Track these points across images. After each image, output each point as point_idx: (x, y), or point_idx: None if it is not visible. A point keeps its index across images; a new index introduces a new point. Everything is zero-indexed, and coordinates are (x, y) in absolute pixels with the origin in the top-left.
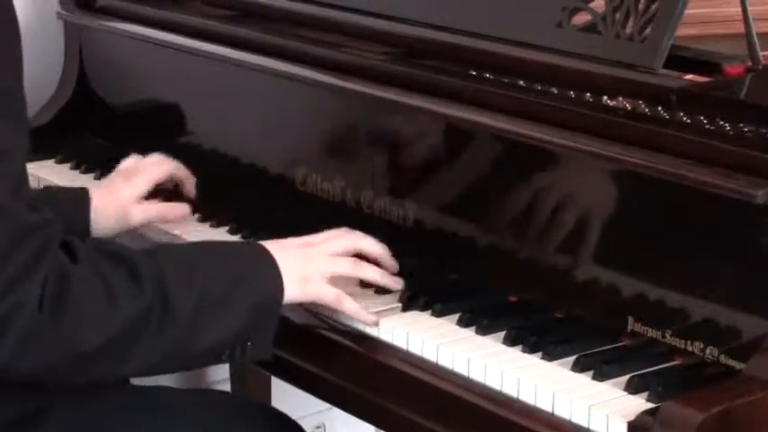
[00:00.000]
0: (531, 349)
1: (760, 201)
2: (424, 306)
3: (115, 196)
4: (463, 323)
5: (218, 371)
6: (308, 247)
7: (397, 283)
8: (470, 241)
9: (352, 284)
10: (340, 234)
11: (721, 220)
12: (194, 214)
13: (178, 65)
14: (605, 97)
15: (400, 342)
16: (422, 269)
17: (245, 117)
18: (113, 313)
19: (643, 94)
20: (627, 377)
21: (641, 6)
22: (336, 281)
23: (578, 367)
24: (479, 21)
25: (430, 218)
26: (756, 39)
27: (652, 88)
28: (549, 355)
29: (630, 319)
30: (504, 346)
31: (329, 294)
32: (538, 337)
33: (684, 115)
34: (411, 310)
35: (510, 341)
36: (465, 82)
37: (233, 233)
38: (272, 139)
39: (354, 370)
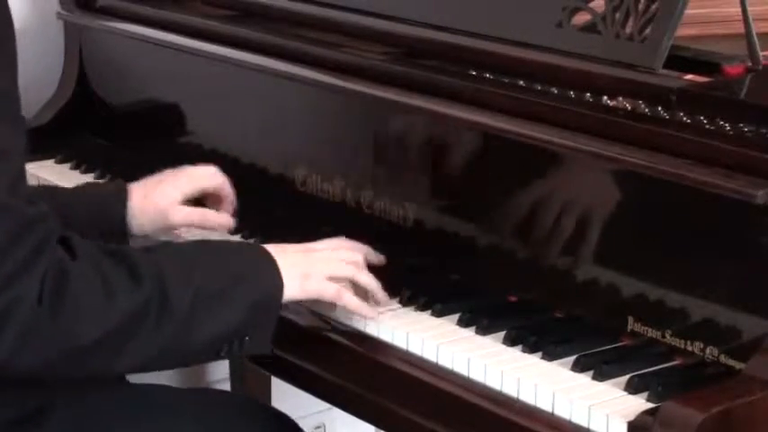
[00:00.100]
0: (531, 349)
1: (760, 201)
2: (424, 306)
3: (155, 194)
4: (463, 323)
5: (218, 370)
6: (308, 251)
7: (387, 299)
8: (470, 241)
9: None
10: (341, 244)
11: (721, 220)
12: None
13: (178, 65)
14: (605, 97)
15: (400, 342)
16: (422, 269)
17: (245, 117)
18: (111, 307)
19: (643, 94)
20: (627, 377)
21: (641, 6)
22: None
23: (578, 367)
24: (479, 21)
25: (430, 218)
26: (756, 39)
27: (652, 88)
28: (549, 355)
29: (630, 319)
30: (504, 346)
31: (330, 290)
32: (538, 337)
33: (684, 115)
34: (410, 309)
35: (510, 341)
36: (465, 82)
37: (233, 233)
38: (272, 139)
39: (354, 370)
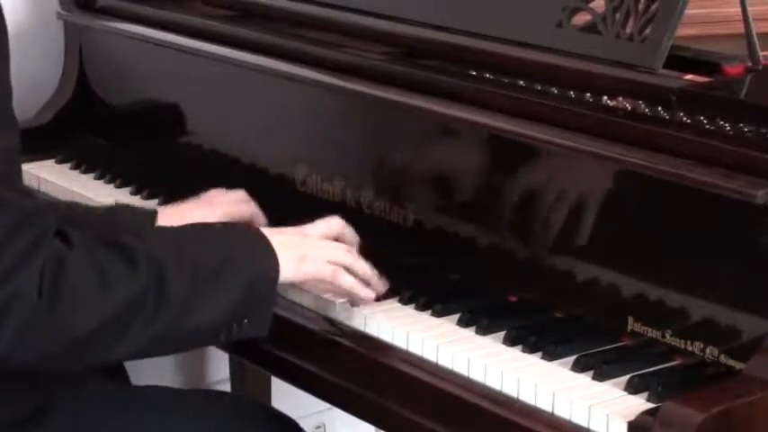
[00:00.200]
0: (531, 349)
1: (760, 201)
2: (424, 306)
3: (183, 218)
4: (463, 323)
5: (218, 370)
6: (304, 234)
7: (383, 286)
8: (470, 241)
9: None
10: (338, 245)
11: (721, 220)
12: None
13: (178, 65)
14: (605, 97)
15: (400, 342)
16: (422, 269)
17: (245, 117)
18: (107, 297)
19: (643, 94)
20: (627, 377)
21: (641, 6)
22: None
23: (578, 367)
24: (479, 21)
25: (430, 218)
26: (756, 39)
27: (652, 88)
28: (549, 355)
29: (630, 319)
30: (504, 346)
31: (325, 270)
32: (538, 337)
33: (684, 115)
34: (410, 309)
35: (510, 341)
36: (465, 82)
37: None
38: (272, 139)
39: (354, 370)
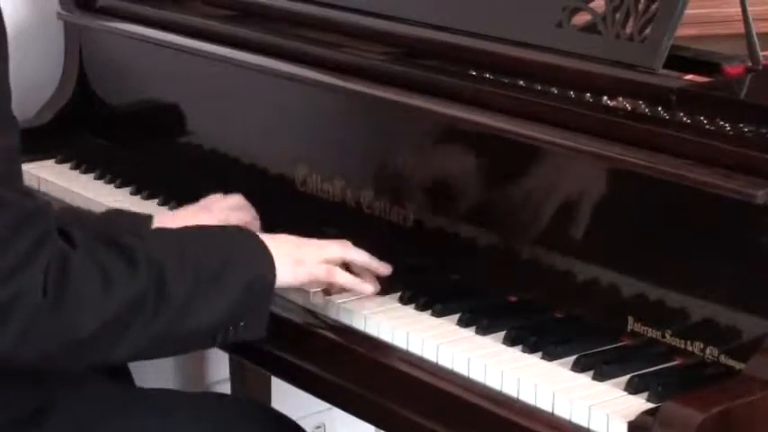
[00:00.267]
0: (531, 349)
1: (760, 201)
2: (424, 306)
3: (177, 223)
4: (463, 323)
5: (219, 371)
6: (300, 240)
7: (386, 269)
8: (470, 241)
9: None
10: (333, 242)
11: (721, 220)
12: None
13: (178, 65)
14: (605, 97)
15: (400, 342)
16: (422, 269)
17: (245, 117)
18: (109, 297)
19: (643, 94)
20: (627, 377)
21: (641, 6)
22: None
23: (578, 367)
24: (479, 21)
25: (430, 218)
26: (756, 39)
27: (652, 88)
28: (549, 355)
29: (630, 319)
30: (504, 346)
31: (321, 271)
32: (538, 337)
33: (684, 115)
34: (410, 309)
35: (510, 341)
36: (465, 82)
37: None
38: (272, 139)
39: (354, 370)
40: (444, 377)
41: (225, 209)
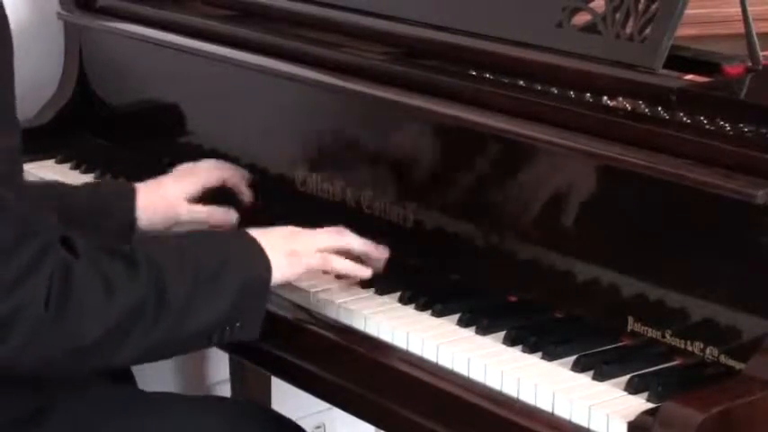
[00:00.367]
0: (531, 349)
1: (760, 201)
2: (424, 306)
3: (162, 193)
4: (463, 323)
5: (219, 371)
6: (293, 231)
7: (382, 253)
8: (470, 241)
9: (352, 285)
10: (327, 230)
11: (721, 220)
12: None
13: (178, 65)
14: (605, 97)
15: (400, 342)
16: (422, 269)
17: (245, 117)
18: (111, 304)
19: (643, 94)
20: (627, 377)
21: (641, 6)
22: (336, 281)
23: (578, 367)
24: (479, 21)
25: (430, 218)
26: (756, 39)
27: (652, 88)
28: (549, 355)
29: (630, 319)
30: (504, 346)
31: (316, 260)
32: (538, 337)
33: (684, 115)
34: (410, 309)
35: (510, 341)
36: (465, 82)
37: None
38: (272, 139)
39: (354, 370)
40: (444, 377)
41: (203, 172)
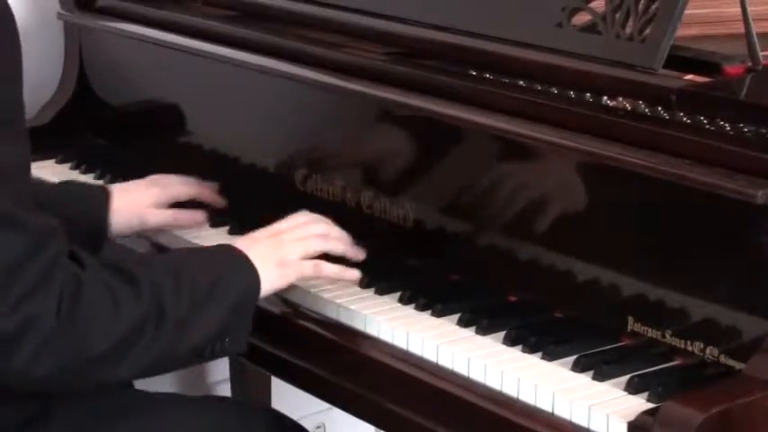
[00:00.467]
0: (531, 349)
1: (760, 201)
2: (424, 306)
3: (133, 199)
4: (463, 323)
5: (219, 371)
6: (277, 236)
7: (357, 254)
8: (470, 241)
9: (351, 285)
10: (304, 220)
11: (721, 220)
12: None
13: (178, 65)
14: (605, 97)
15: (400, 342)
16: (422, 269)
17: (245, 117)
18: (118, 318)
19: (643, 94)
20: (627, 377)
21: (641, 6)
22: (334, 282)
23: (578, 367)
24: (479, 21)
25: (430, 218)
26: (756, 39)
27: (652, 88)
28: (549, 355)
29: (630, 319)
30: (504, 346)
31: (307, 268)
32: (538, 337)
33: (684, 115)
34: (410, 309)
35: (510, 341)
36: (465, 82)
37: (233, 233)
38: (272, 139)
39: (354, 370)
40: (444, 377)
41: (173, 184)
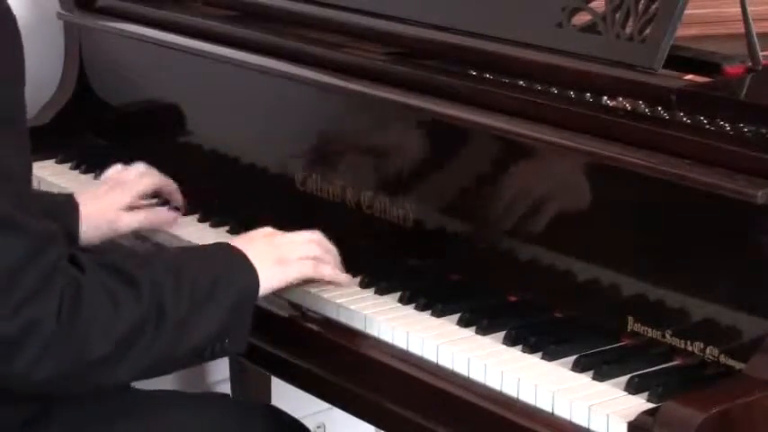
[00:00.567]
0: (531, 349)
1: (760, 201)
2: (424, 306)
3: (101, 205)
4: (463, 323)
5: (218, 371)
6: (273, 236)
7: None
8: (470, 241)
9: (351, 285)
10: (304, 239)
11: (721, 220)
12: (194, 214)
13: (178, 65)
14: (605, 97)
15: (400, 342)
16: (422, 269)
17: (245, 117)
18: (118, 319)
19: (643, 94)
20: (627, 377)
21: (641, 6)
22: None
23: (578, 367)
24: (479, 21)
25: (430, 218)
26: (756, 39)
27: (652, 88)
28: (549, 355)
29: (630, 319)
30: (504, 346)
31: (308, 268)
32: (538, 337)
33: (684, 115)
34: (410, 309)
35: (510, 341)
36: (465, 82)
37: (233, 233)
38: (272, 138)
39: (354, 370)
40: (444, 377)
41: (135, 180)
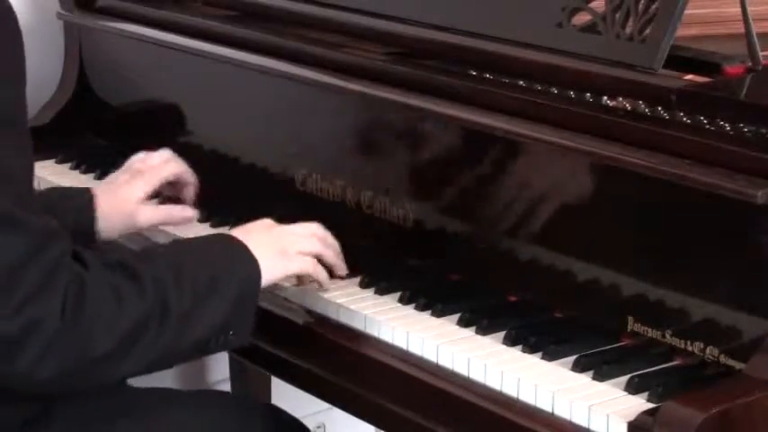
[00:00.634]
0: (531, 349)
1: (760, 201)
2: (424, 306)
3: (120, 198)
4: (463, 323)
5: (218, 371)
6: (272, 228)
7: (343, 269)
8: (470, 241)
9: (351, 285)
10: (306, 232)
11: (721, 220)
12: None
13: (178, 65)
14: (605, 97)
15: (400, 342)
16: (422, 269)
17: (245, 117)
18: (122, 315)
19: (643, 94)
20: (627, 377)
21: (641, 6)
22: (336, 281)
23: (578, 367)
24: (479, 21)
25: (430, 218)
26: (756, 39)
27: (652, 88)
28: (549, 355)
29: (630, 319)
30: (505, 346)
31: (307, 264)
32: (538, 337)
33: (684, 115)
34: (410, 309)
35: (510, 341)
36: (465, 82)
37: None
38: (272, 138)
39: (354, 370)
40: (444, 377)
41: (160, 165)
